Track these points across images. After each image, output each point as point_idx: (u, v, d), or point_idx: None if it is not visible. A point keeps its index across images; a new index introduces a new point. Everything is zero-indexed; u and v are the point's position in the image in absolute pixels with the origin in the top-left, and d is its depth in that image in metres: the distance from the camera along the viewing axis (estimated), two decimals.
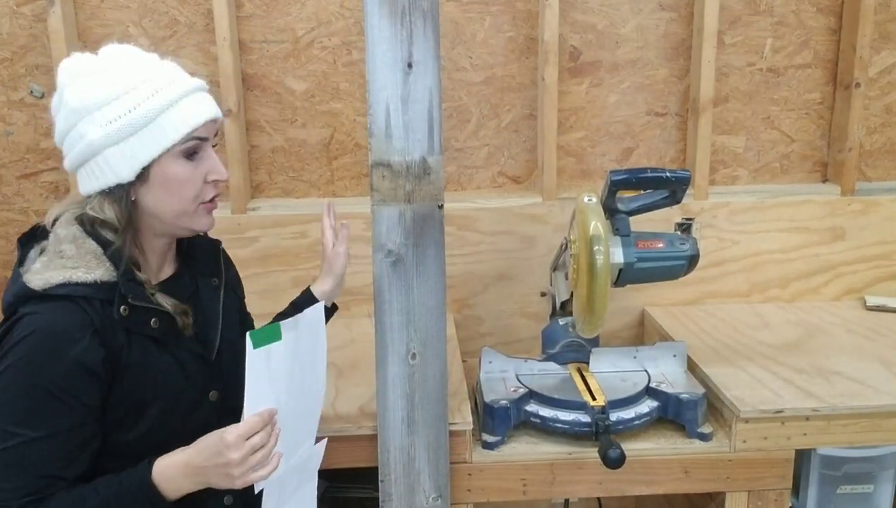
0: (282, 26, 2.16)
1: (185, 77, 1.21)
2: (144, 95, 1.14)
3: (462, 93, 2.25)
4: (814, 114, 2.33)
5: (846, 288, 2.34)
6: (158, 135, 1.14)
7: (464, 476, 1.70)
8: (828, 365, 1.89)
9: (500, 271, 2.27)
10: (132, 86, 1.14)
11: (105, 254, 1.16)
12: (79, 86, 1.14)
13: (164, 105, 1.15)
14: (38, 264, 1.15)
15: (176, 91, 1.17)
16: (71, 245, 1.15)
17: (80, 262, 1.14)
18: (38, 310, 1.12)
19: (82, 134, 1.14)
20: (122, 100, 1.13)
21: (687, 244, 1.74)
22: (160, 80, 1.16)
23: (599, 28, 2.22)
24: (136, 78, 1.15)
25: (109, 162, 1.14)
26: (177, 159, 1.18)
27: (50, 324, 1.11)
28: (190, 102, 1.18)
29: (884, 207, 2.30)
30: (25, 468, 1.09)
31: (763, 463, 1.71)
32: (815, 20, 2.26)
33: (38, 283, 1.12)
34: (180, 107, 1.16)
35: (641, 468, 1.70)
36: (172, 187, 1.18)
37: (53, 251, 1.15)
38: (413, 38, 1.46)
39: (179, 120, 1.16)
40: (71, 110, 1.14)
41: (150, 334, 1.21)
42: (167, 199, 1.19)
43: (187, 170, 1.19)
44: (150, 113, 1.14)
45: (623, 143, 2.32)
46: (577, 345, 1.90)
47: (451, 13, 2.17)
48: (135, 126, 1.13)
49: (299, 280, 2.15)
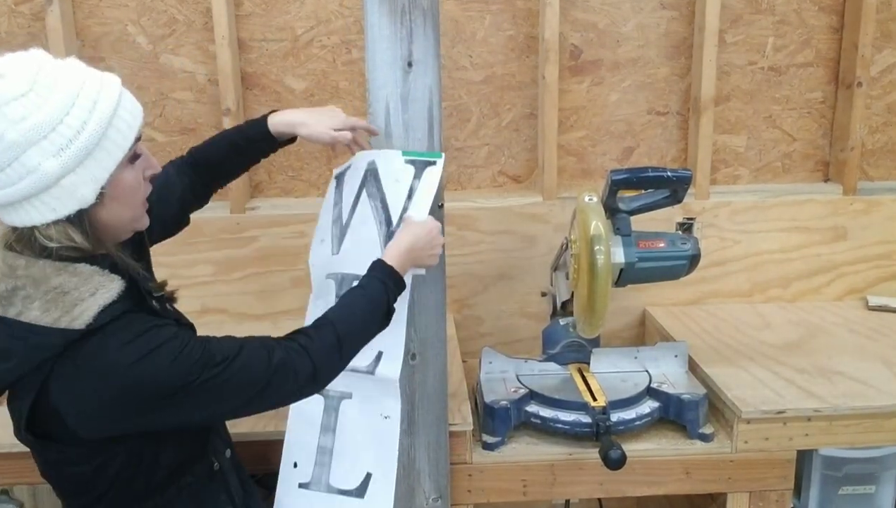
0: (281, 25, 2.16)
1: (105, 77, 1.10)
2: (87, 110, 1.04)
3: (462, 91, 2.24)
4: (815, 113, 2.32)
5: (848, 288, 2.33)
6: (111, 148, 1.07)
7: (464, 476, 1.69)
8: (829, 365, 1.88)
9: (500, 271, 2.26)
10: (70, 103, 1.04)
11: (105, 268, 1.11)
12: (11, 116, 1.01)
13: (108, 115, 1.06)
14: (33, 312, 1.05)
15: (110, 96, 1.08)
16: (63, 277, 1.06)
17: (93, 286, 1.07)
18: (97, 342, 1.06)
19: (31, 167, 1.02)
20: (67, 123, 1.03)
21: (688, 244, 1.73)
22: (91, 88, 1.06)
23: (600, 26, 2.22)
24: (69, 93, 1.04)
25: (69, 190, 1.04)
26: (126, 168, 1.10)
27: (119, 339, 1.07)
28: (126, 103, 1.10)
29: (886, 207, 2.29)
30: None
31: (764, 464, 1.71)
32: (817, 19, 2.25)
33: (76, 323, 1.05)
34: (120, 113, 1.08)
35: (642, 468, 1.70)
36: (126, 197, 1.12)
37: (41, 293, 1.06)
38: (413, 37, 1.45)
39: (125, 126, 1.09)
40: (10, 144, 1.01)
41: (173, 317, 1.22)
42: (122, 210, 1.12)
43: (136, 175, 1.13)
44: (99, 129, 1.05)
45: (624, 142, 2.31)
46: (577, 345, 1.89)
47: (451, 11, 2.16)
48: (88, 147, 1.04)
49: (298, 280, 2.15)
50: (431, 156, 1.45)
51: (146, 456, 1.17)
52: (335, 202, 1.49)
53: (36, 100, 1.02)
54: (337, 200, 1.49)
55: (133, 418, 1.10)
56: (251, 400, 1.17)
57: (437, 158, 1.45)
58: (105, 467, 1.15)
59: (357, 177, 1.47)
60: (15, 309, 1.06)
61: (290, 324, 2.12)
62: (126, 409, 1.09)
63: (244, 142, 1.49)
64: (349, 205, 1.48)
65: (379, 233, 1.44)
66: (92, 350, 1.06)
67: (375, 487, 1.46)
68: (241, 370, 1.14)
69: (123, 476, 1.17)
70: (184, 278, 2.13)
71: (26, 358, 1.07)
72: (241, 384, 1.14)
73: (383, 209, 1.45)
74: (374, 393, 1.46)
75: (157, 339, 1.08)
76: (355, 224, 1.47)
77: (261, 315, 2.23)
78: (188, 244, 2.12)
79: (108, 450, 1.14)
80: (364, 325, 1.30)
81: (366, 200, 1.46)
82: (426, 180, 1.44)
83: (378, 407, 1.47)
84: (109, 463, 1.15)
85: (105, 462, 1.15)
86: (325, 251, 1.50)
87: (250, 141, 1.49)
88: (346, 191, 1.49)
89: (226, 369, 1.12)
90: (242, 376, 1.14)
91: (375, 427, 1.47)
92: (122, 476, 1.16)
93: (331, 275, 1.48)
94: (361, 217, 1.46)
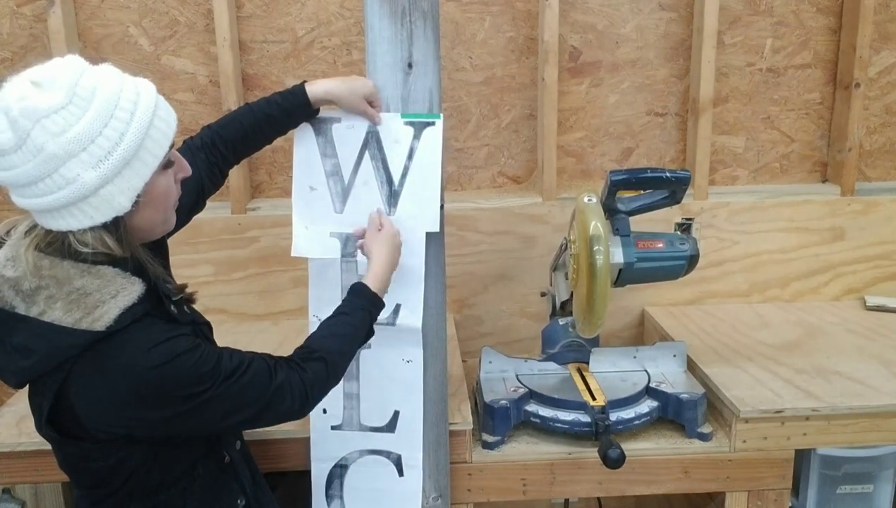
0: (282, 26, 2.16)
1: (140, 85, 1.11)
2: (125, 122, 1.05)
3: (462, 93, 2.25)
4: (813, 114, 2.33)
5: (846, 288, 2.34)
6: (147, 158, 1.08)
7: (464, 475, 1.70)
8: (827, 364, 1.89)
9: (500, 271, 2.27)
10: (109, 115, 1.04)
11: (126, 271, 1.12)
12: (52, 129, 1.01)
13: (145, 125, 1.07)
14: (55, 313, 1.07)
15: (146, 105, 1.09)
16: (86, 279, 1.08)
17: (115, 289, 1.09)
18: (118, 344, 1.08)
19: (70, 179, 1.03)
20: (105, 134, 1.04)
21: (687, 244, 1.74)
22: (128, 98, 1.07)
23: (599, 28, 2.22)
24: (107, 103, 1.05)
25: (106, 199, 1.06)
26: (161, 174, 1.12)
27: (140, 343, 1.09)
28: (161, 111, 1.11)
29: (883, 207, 2.30)
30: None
31: (763, 463, 1.71)
32: (815, 20, 2.26)
33: (98, 325, 1.07)
34: (156, 123, 1.09)
35: (641, 468, 1.71)
36: (159, 202, 1.14)
37: (64, 293, 1.07)
38: (413, 39, 1.46)
39: (160, 135, 1.10)
40: (50, 156, 1.01)
41: (191, 320, 1.25)
42: (154, 215, 1.15)
43: (168, 180, 1.15)
44: (136, 139, 1.06)
45: (623, 143, 2.32)
46: (577, 345, 1.90)
47: (451, 13, 2.17)
48: (126, 158, 1.06)
49: (299, 280, 2.15)
50: (430, 117, 1.50)
51: (161, 453, 1.21)
52: (324, 152, 1.53)
53: (76, 112, 1.02)
54: (328, 152, 1.53)
55: (142, 420, 1.12)
56: (251, 416, 1.20)
57: (436, 119, 1.50)
58: (123, 463, 1.18)
59: (357, 137, 1.52)
60: (38, 308, 1.08)
61: (290, 324, 2.17)
62: (137, 411, 1.11)
63: (280, 113, 1.49)
64: (350, 165, 1.53)
65: (381, 193, 1.52)
66: (112, 351, 1.08)
67: (404, 422, 1.58)
68: (246, 386, 1.17)
69: (140, 471, 1.20)
70: (185, 278, 2.07)
71: (47, 357, 1.08)
72: (244, 400, 1.18)
73: (384, 169, 1.52)
74: (395, 341, 1.54)
75: (176, 348, 1.11)
76: (358, 184, 1.53)
77: (261, 315, 2.23)
78: (189, 244, 2.13)
79: (125, 448, 1.17)
80: (351, 350, 1.36)
81: (368, 161, 1.52)
82: (426, 140, 1.50)
83: (399, 353, 1.56)
84: (127, 460, 1.18)
85: (123, 458, 1.18)
86: (323, 203, 1.54)
87: (288, 113, 1.49)
88: (342, 148, 1.53)
89: (234, 383, 1.15)
90: (247, 392, 1.17)
91: (399, 370, 1.56)
92: (138, 472, 1.20)
93: (334, 234, 1.54)
94: (364, 177, 1.52)
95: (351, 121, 1.51)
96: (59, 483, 1.92)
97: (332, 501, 1.62)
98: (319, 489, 1.62)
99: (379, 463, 1.60)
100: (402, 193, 1.51)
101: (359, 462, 1.61)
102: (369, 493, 1.61)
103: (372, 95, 1.48)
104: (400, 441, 1.58)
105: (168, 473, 1.23)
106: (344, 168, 1.53)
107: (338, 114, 1.51)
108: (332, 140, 1.52)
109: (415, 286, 1.52)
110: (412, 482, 1.60)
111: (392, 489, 1.60)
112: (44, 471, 1.67)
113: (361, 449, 1.60)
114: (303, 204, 1.55)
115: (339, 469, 1.61)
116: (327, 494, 1.62)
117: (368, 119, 1.50)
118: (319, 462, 1.61)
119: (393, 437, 1.59)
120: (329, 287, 1.56)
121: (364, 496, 1.61)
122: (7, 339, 1.10)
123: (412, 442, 1.58)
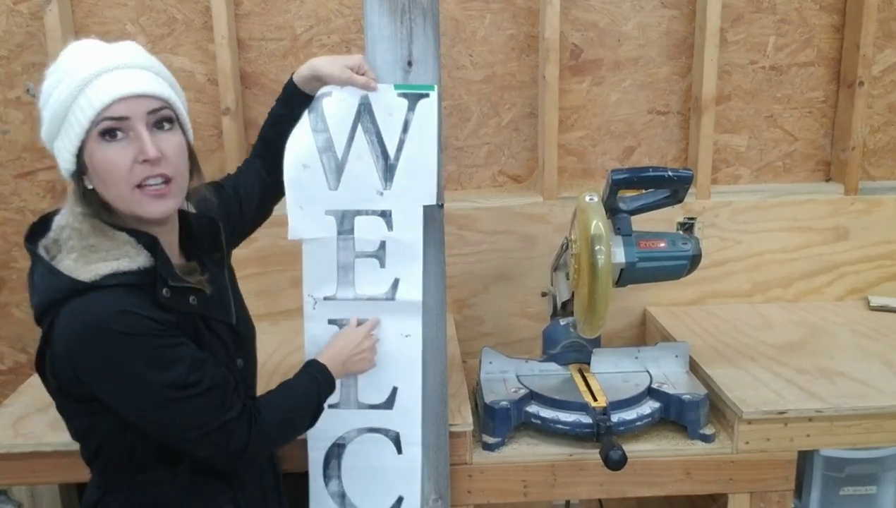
0: (280, 24, 2.15)
1: (103, 57, 1.17)
2: (55, 84, 1.16)
3: (462, 91, 2.23)
4: (817, 112, 2.32)
5: (849, 288, 2.33)
6: (73, 121, 1.16)
7: (464, 477, 1.69)
8: (831, 365, 1.87)
9: (500, 271, 2.26)
10: (56, 79, 1.17)
11: (139, 242, 1.19)
12: (44, 85, 1.19)
13: (73, 90, 1.15)
14: (68, 261, 1.16)
15: (83, 73, 1.15)
16: (100, 238, 1.17)
17: (120, 253, 1.17)
18: (97, 298, 1.14)
19: (42, 121, 1.19)
20: (51, 94, 1.17)
21: (689, 243, 1.73)
22: (69, 65, 1.17)
23: (601, 26, 2.21)
24: (58, 70, 1.18)
25: (57, 155, 1.20)
26: (98, 143, 1.16)
27: (120, 303, 1.14)
28: (100, 82, 1.15)
29: (887, 206, 2.29)
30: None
31: (766, 465, 1.70)
32: (818, 18, 2.25)
33: (86, 276, 1.14)
34: (88, 90, 1.15)
35: (643, 469, 1.70)
36: (100, 172, 1.17)
37: (80, 246, 1.17)
38: (413, 37, 1.45)
39: (86, 103, 1.14)
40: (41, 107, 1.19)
41: (191, 310, 1.25)
42: (104, 186, 1.18)
43: (110, 153, 1.16)
44: (64, 101, 1.15)
45: (624, 142, 2.31)
46: (578, 346, 1.89)
47: (451, 11, 2.16)
48: (58, 117, 1.16)
49: (298, 280, 2.13)
50: (424, 88, 1.47)
51: (132, 429, 1.22)
52: (315, 128, 1.49)
53: (52, 69, 1.19)
54: (319, 127, 1.49)
55: (92, 380, 1.16)
56: (189, 437, 1.20)
57: (430, 91, 1.47)
58: (94, 428, 1.24)
59: (349, 111, 1.48)
60: (60, 255, 1.18)
61: (290, 324, 2.16)
62: (91, 371, 1.15)
63: (282, 107, 1.51)
64: (343, 141, 1.49)
65: (376, 167, 1.49)
66: (87, 303, 1.14)
67: (402, 398, 1.56)
68: (192, 406, 1.18)
69: (111, 441, 1.24)
70: None
71: (43, 298, 1.17)
72: (191, 417, 1.19)
73: (379, 143, 1.48)
74: (394, 316, 1.53)
75: (145, 327, 1.14)
76: (352, 159, 1.49)
77: (260, 315, 2.20)
78: None
79: (96, 413, 1.21)
80: (297, 422, 1.38)
81: (361, 135, 1.48)
82: (420, 112, 1.47)
83: (398, 327, 1.54)
84: (97, 426, 1.23)
85: (94, 423, 1.23)
86: (316, 181, 1.50)
87: (287, 104, 1.50)
88: (333, 123, 1.48)
89: (181, 396, 1.17)
90: (196, 411, 1.19)
91: (397, 345, 1.54)
92: (109, 442, 1.24)
93: (330, 211, 1.51)
94: (357, 151, 1.49)
95: (341, 95, 1.47)
96: (56, 484, 1.90)
97: (331, 481, 1.60)
98: (317, 469, 1.60)
99: (377, 441, 1.58)
100: (397, 167, 1.48)
101: (357, 441, 1.59)
102: (368, 472, 1.59)
103: (356, 65, 1.45)
104: (398, 417, 1.57)
105: (146, 454, 1.25)
106: (336, 143, 1.49)
107: (329, 89, 1.47)
108: (323, 114, 1.48)
109: (413, 259, 1.50)
110: (411, 459, 1.58)
111: (391, 466, 1.58)
112: (41, 473, 1.67)
113: (359, 428, 1.58)
114: (296, 184, 1.50)
115: (337, 448, 1.59)
116: (325, 474, 1.60)
117: (361, 87, 1.45)
118: (317, 441, 1.59)
119: (391, 414, 1.57)
120: (325, 265, 1.53)
121: (362, 474, 1.60)
122: (32, 277, 1.21)
123: (411, 419, 1.57)
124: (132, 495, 1.28)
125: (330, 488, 1.60)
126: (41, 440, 1.65)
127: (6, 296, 2.27)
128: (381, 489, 1.59)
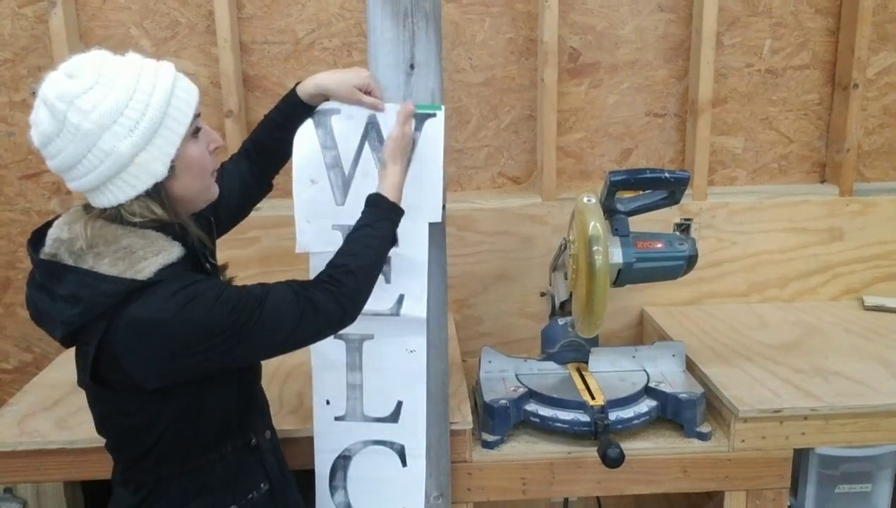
0: (282, 27, 2.17)
1: (160, 64, 1.23)
2: (147, 93, 1.17)
3: (462, 94, 2.25)
4: (812, 115, 2.34)
5: (844, 289, 2.35)
6: (173, 125, 1.19)
7: (464, 475, 1.71)
8: (826, 364, 1.89)
9: (499, 271, 2.28)
10: (133, 89, 1.17)
11: (169, 235, 1.23)
12: (83, 108, 1.13)
13: (167, 95, 1.19)
14: (101, 267, 1.17)
15: (166, 78, 1.20)
16: (132, 238, 1.19)
17: (158, 248, 1.20)
18: (160, 291, 1.17)
19: (108, 150, 1.15)
20: (132, 106, 1.16)
21: (686, 244, 1.75)
22: (149, 73, 1.19)
23: (598, 29, 2.23)
24: (130, 80, 1.17)
25: (143, 166, 1.18)
26: (190, 142, 1.23)
27: (176, 285, 1.18)
28: (181, 84, 1.22)
29: (882, 208, 2.31)
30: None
31: (761, 463, 1.72)
32: (814, 21, 2.27)
33: (140, 275, 1.17)
34: (178, 92, 1.20)
35: (640, 467, 1.71)
36: (194, 169, 1.24)
37: (112, 250, 1.18)
38: (415, 40, 1.46)
39: (183, 103, 1.21)
40: (85, 133, 1.14)
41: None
42: (193, 182, 1.25)
43: (200, 148, 1.25)
44: (161, 108, 1.18)
45: (622, 144, 2.33)
46: (576, 345, 1.90)
47: (451, 14, 2.18)
48: (154, 126, 1.17)
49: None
50: (431, 108, 1.50)
51: (192, 416, 1.27)
52: (324, 144, 1.52)
53: (103, 90, 1.15)
54: (328, 144, 1.52)
55: (180, 360, 1.19)
56: (285, 339, 1.26)
57: (438, 110, 1.50)
58: (154, 421, 1.25)
59: (357, 128, 1.51)
60: (87, 264, 1.18)
61: None
62: (173, 352, 1.18)
63: (282, 118, 1.53)
64: (350, 157, 1.52)
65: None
66: (146, 300, 1.17)
67: (407, 412, 1.59)
68: (272, 312, 1.23)
69: (170, 432, 1.26)
70: None
71: (92, 305, 1.17)
72: (273, 326, 1.24)
73: None
74: (399, 331, 1.55)
75: (196, 290, 1.19)
76: (359, 175, 1.52)
77: None
78: None
79: (158, 404, 1.24)
80: (379, 259, 1.39)
81: (368, 153, 1.51)
82: (427, 132, 1.50)
83: (403, 343, 1.56)
84: (159, 418, 1.25)
85: (155, 416, 1.25)
86: (324, 196, 1.54)
87: (287, 115, 1.53)
88: (341, 140, 1.52)
89: (260, 313, 1.22)
90: (274, 317, 1.24)
91: (402, 360, 1.57)
92: (169, 433, 1.26)
93: (336, 226, 1.54)
94: (364, 168, 1.52)
95: (350, 112, 1.50)
96: (61, 482, 1.92)
97: (336, 492, 1.63)
98: (323, 480, 1.63)
99: (382, 454, 1.60)
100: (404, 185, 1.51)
101: (362, 453, 1.61)
102: (373, 483, 1.62)
103: (365, 85, 1.47)
104: (403, 431, 1.59)
105: (197, 442, 1.29)
106: (344, 159, 1.52)
107: (337, 105, 1.50)
108: (332, 131, 1.51)
109: (418, 276, 1.53)
110: (416, 472, 1.60)
111: (395, 479, 1.60)
112: (45, 470, 1.69)
113: (365, 440, 1.61)
114: (304, 198, 1.54)
115: (343, 459, 1.62)
116: (331, 485, 1.63)
117: (369, 107, 1.48)
118: (323, 453, 1.62)
119: (396, 427, 1.59)
120: None
121: (367, 486, 1.62)
122: (56, 290, 1.19)
123: (415, 432, 1.59)
124: (182, 483, 1.31)
125: (336, 498, 1.63)
126: (46, 438, 1.66)
127: (11, 296, 2.29)
128: (385, 500, 1.62)
